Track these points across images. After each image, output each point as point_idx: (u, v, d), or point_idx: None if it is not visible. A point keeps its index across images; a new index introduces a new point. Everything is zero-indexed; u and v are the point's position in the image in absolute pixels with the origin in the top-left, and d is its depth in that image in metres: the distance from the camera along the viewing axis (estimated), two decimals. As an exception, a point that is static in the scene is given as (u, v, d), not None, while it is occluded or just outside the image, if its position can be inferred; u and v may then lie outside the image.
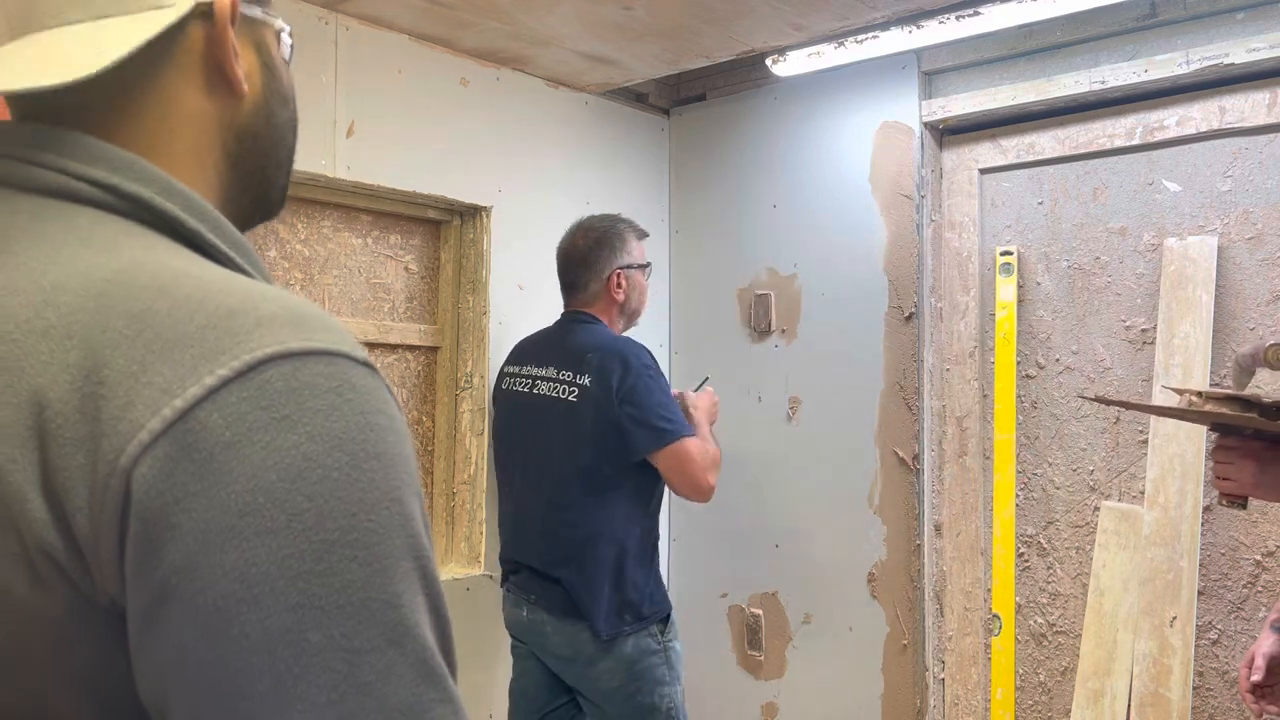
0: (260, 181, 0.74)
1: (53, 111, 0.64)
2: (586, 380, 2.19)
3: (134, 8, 0.64)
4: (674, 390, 2.36)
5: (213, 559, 0.50)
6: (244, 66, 0.69)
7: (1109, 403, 2.07)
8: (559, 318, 2.40)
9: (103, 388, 0.53)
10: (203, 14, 0.67)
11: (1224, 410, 1.65)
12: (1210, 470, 1.81)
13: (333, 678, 0.51)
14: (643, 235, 2.42)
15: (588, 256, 2.33)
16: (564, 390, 2.22)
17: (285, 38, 0.75)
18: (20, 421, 0.53)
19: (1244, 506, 1.79)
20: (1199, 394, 1.73)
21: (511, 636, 2.38)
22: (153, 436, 0.51)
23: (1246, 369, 1.86)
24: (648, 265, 2.42)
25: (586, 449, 2.17)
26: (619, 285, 2.33)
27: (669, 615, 2.24)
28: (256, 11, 0.72)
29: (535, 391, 2.29)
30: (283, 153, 0.76)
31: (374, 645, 0.52)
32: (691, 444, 2.16)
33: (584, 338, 2.27)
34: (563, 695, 2.32)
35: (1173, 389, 1.95)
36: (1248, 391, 1.78)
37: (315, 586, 0.51)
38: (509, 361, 2.44)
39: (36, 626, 0.53)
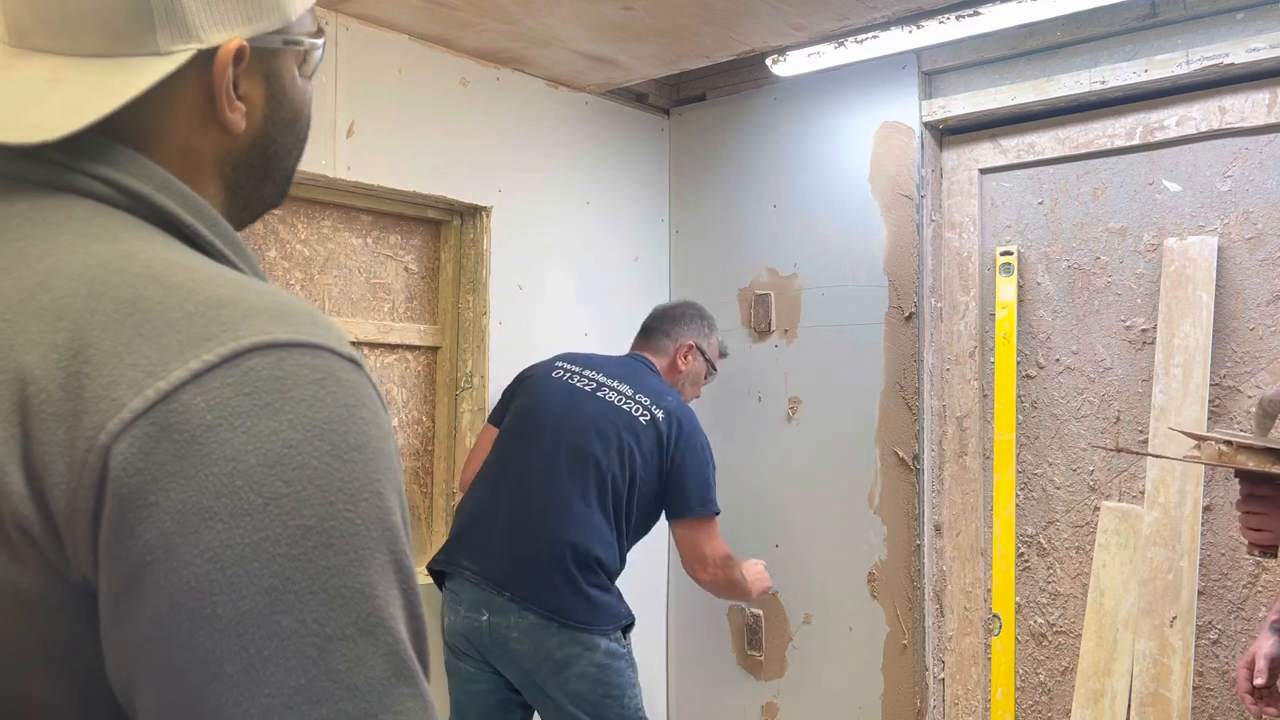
0: (257, 200, 0.74)
1: None
2: (660, 415, 2.29)
3: (128, 50, 0.62)
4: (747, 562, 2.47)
5: (188, 539, 0.50)
6: (246, 103, 0.68)
7: (1133, 452, 2.03)
8: (630, 353, 2.52)
9: (87, 366, 0.53)
10: (201, 62, 0.65)
11: (1261, 465, 1.63)
12: (1239, 520, 1.78)
13: (303, 662, 0.51)
14: (725, 352, 2.65)
15: (678, 318, 2.53)
16: (634, 407, 2.28)
17: (316, 54, 0.72)
18: (4, 397, 0.53)
19: (1275, 555, 1.74)
20: (1228, 443, 1.68)
21: (455, 650, 2.20)
22: (134, 415, 0.51)
23: (1270, 414, 1.75)
24: (715, 371, 2.59)
25: (628, 470, 2.22)
26: (685, 357, 2.49)
27: (631, 624, 2.22)
28: (276, 41, 0.68)
29: (599, 394, 2.29)
30: (282, 173, 0.75)
31: (346, 634, 0.52)
32: (715, 526, 2.32)
33: (660, 384, 2.39)
34: (517, 711, 2.25)
35: (1193, 434, 1.82)
36: (1275, 438, 1.74)
37: (289, 571, 0.51)
38: (565, 360, 2.40)
39: (11, 603, 0.53)
